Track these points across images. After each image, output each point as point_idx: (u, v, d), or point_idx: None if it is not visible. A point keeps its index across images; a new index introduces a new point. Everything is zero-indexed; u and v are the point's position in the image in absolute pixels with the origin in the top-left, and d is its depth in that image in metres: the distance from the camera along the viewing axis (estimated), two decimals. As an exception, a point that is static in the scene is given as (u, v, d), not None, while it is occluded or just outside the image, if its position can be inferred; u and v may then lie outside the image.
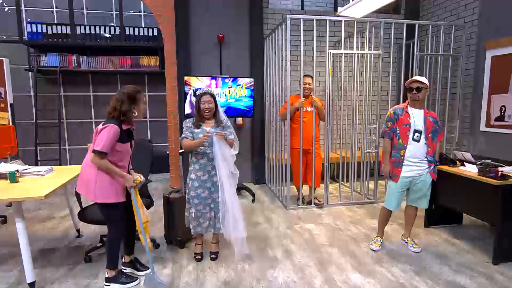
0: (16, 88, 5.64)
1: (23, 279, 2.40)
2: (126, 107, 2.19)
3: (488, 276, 2.57)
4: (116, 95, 2.24)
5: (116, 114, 2.19)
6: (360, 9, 3.65)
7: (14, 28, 5.48)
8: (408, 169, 2.86)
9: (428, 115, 2.86)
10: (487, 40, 4.14)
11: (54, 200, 4.59)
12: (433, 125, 2.85)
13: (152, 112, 6.36)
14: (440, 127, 2.91)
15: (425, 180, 2.89)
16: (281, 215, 3.97)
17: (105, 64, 5.72)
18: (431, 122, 2.84)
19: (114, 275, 2.40)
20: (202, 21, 4.87)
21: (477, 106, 4.31)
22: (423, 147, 2.83)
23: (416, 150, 2.83)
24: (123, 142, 2.23)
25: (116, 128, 2.14)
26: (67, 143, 6.14)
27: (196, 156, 2.72)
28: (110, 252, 2.39)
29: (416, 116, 2.85)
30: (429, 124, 2.84)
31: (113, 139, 2.14)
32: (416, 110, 2.87)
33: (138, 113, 2.28)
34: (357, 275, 2.59)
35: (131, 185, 2.27)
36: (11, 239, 3.27)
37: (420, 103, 2.87)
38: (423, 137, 2.82)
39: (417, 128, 2.83)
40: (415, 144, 2.83)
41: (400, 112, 2.90)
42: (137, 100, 2.25)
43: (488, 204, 2.84)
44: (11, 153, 3.41)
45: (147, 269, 2.57)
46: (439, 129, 2.90)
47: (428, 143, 2.84)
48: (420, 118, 2.84)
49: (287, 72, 3.98)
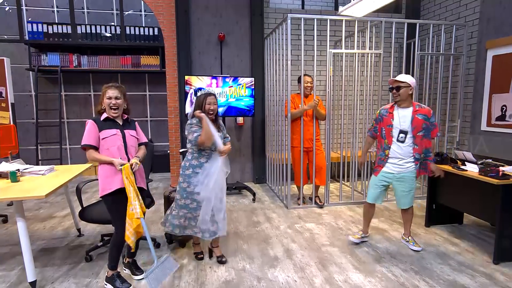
0: (17, 88, 5.66)
1: (24, 278, 2.41)
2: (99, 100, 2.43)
3: (488, 275, 2.57)
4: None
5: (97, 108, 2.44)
6: (361, 8, 3.64)
7: (15, 28, 5.49)
8: (390, 167, 2.89)
9: (418, 113, 2.78)
10: (488, 40, 4.13)
11: (54, 199, 4.60)
12: (423, 123, 2.77)
13: (153, 112, 6.37)
14: (433, 123, 2.82)
15: (406, 178, 2.87)
16: (282, 214, 3.97)
17: (106, 64, 5.73)
18: (420, 120, 2.77)
19: (111, 276, 2.40)
20: (202, 21, 4.87)
21: (478, 106, 4.30)
22: (408, 146, 2.80)
23: (400, 150, 2.83)
24: (105, 129, 2.33)
25: (90, 122, 2.34)
26: (68, 143, 6.15)
27: (199, 159, 2.64)
28: (110, 253, 2.40)
29: (402, 116, 2.81)
30: (417, 122, 2.77)
31: (90, 131, 2.32)
32: (402, 110, 2.83)
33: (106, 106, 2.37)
34: (358, 275, 2.59)
35: (118, 168, 2.26)
36: (12, 238, 3.28)
37: (406, 102, 2.81)
38: (410, 136, 2.79)
39: (403, 129, 2.80)
40: (399, 144, 2.82)
41: (384, 113, 2.93)
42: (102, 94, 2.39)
43: (489, 204, 2.84)
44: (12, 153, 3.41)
45: (142, 273, 2.54)
46: (432, 125, 2.81)
47: (417, 142, 2.79)
48: (406, 117, 2.79)
49: (288, 72, 3.97)
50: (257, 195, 4.66)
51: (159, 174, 6.03)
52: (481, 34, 4.27)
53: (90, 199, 4.50)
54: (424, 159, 2.89)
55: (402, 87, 2.77)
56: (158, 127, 6.34)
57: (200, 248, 2.90)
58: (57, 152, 5.71)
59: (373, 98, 4.39)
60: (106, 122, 2.36)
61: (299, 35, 4.27)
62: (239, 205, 4.30)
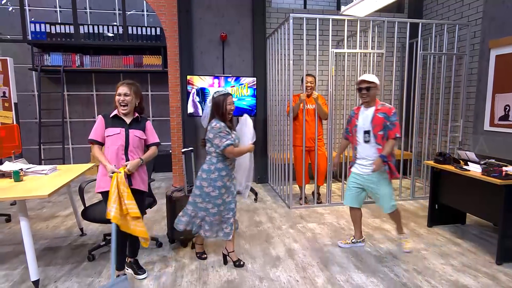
0: (20, 88, 5.68)
1: (27, 277, 2.42)
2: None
3: (491, 276, 2.56)
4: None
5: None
6: (363, 8, 3.63)
7: (18, 28, 5.52)
8: (359, 168, 2.86)
9: (379, 112, 2.72)
10: (491, 39, 4.11)
11: (57, 199, 4.62)
12: (383, 121, 2.69)
13: (155, 111, 6.38)
14: (393, 122, 2.70)
15: (374, 181, 2.79)
16: (284, 214, 3.97)
17: (108, 64, 5.74)
18: (380, 118, 2.70)
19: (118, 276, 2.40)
20: (205, 20, 4.87)
21: (481, 106, 4.28)
22: (372, 146, 2.75)
23: (364, 151, 2.79)
24: (110, 127, 2.37)
25: (99, 117, 2.40)
26: (71, 142, 6.17)
27: (225, 162, 2.58)
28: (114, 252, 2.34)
29: (365, 116, 2.78)
30: (377, 121, 2.71)
31: (97, 126, 2.38)
32: (366, 110, 2.80)
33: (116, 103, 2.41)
34: (360, 275, 2.58)
35: (108, 175, 2.29)
36: (15, 237, 3.29)
37: (371, 102, 2.78)
38: (372, 135, 2.73)
39: (366, 129, 2.76)
40: (364, 145, 2.79)
41: (352, 114, 2.93)
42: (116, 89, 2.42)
43: (491, 204, 2.83)
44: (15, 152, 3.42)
45: (144, 273, 2.56)
46: (391, 125, 2.70)
47: (379, 142, 2.72)
48: (368, 117, 2.76)
49: (290, 71, 3.97)
50: (259, 195, 4.66)
51: (161, 174, 6.04)
52: (484, 33, 4.24)
53: (92, 198, 4.51)
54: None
55: (372, 87, 2.73)
56: (160, 126, 6.35)
57: (202, 248, 2.90)
58: (60, 151, 5.73)
59: (375, 98, 4.38)
60: (113, 120, 2.39)
61: (301, 34, 4.27)
62: (241, 205, 4.30)
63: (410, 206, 4.27)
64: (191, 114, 4.40)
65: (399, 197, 4.50)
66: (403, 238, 3.00)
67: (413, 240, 3.19)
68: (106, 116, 2.40)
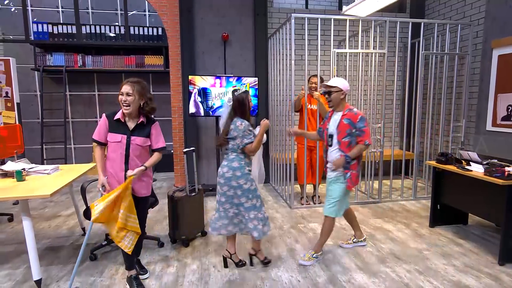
0: (23, 88, 5.70)
1: (30, 276, 2.43)
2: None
3: (494, 276, 2.55)
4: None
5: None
6: (365, 7, 3.63)
7: (20, 28, 5.54)
8: (327, 171, 2.82)
9: (345, 117, 2.65)
10: (494, 39, 4.10)
11: (59, 198, 4.63)
12: (348, 128, 2.62)
13: (157, 111, 6.36)
14: (361, 129, 2.61)
15: (331, 183, 2.73)
16: (285, 214, 3.97)
17: (110, 64, 5.76)
18: (345, 125, 2.63)
19: (128, 278, 2.40)
20: (206, 21, 4.88)
21: (483, 106, 4.27)
22: (335, 151, 2.69)
23: (331, 155, 2.73)
24: (112, 132, 2.26)
25: (103, 116, 2.29)
26: (72, 142, 6.18)
27: (250, 156, 2.61)
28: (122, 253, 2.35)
29: (333, 120, 2.74)
30: (342, 127, 2.64)
31: (100, 126, 2.28)
32: (335, 114, 2.75)
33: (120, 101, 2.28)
34: (362, 275, 2.58)
35: (96, 190, 2.18)
36: (18, 237, 3.31)
37: (339, 106, 2.71)
38: (335, 141, 2.68)
39: (330, 132, 2.73)
40: (330, 148, 2.75)
41: (327, 116, 2.87)
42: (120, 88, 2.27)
43: (494, 204, 2.82)
44: (18, 152, 3.44)
45: (146, 272, 2.57)
46: (359, 132, 2.61)
47: (342, 148, 2.64)
48: (335, 121, 2.71)
49: (292, 71, 3.97)
50: (260, 195, 4.65)
51: (163, 174, 6.04)
52: (486, 33, 4.23)
53: (94, 198, 4.52)
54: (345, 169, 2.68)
55: (333, 92, 2.67)
56: (161, 126, 6.32)
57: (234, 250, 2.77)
58: (62, 151, 5.75)
59: (377, 98, 4.37)
60: (117, 124, 2.26)
61: (303, 34, 4.27)
62: (243, 205, 4.30)
63: (412, 206, 4.26)
64: (193, 114, 4.41)
65: (401, 197, 4.49)
66: (312, 256, 2.77)
67: (415, 240, 3.19)
68: (110, 116, 2.28)
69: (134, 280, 2.38)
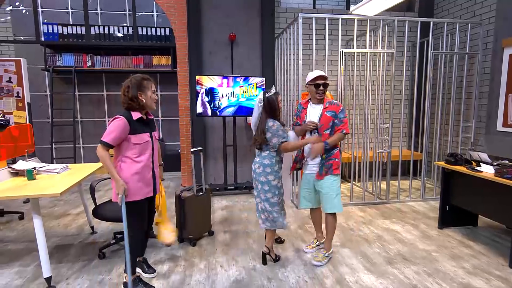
0: (33, 88, 5.79)
1: (40, 274, 2.47)
2: (132, 93, 2.14)
3: (504, 279, 2.51)
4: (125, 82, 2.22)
5: (124, 101, 2.16)
6: (373, 7, 3.60)
7: (31, 29, 5.62)
8: (308, 167, 2.76)
9: (327, 110, 2.63)
10: (505, 38, 4.03)
11: (68, 197, 4.69)
12: (330, 121, 2.61)
13: (164, 111, 6.43)
14: (342, 119, 2.62)
15: (324, 183, 2.67)
16: (292, 214, 3.96)
17: (118, 64, 5.81)
18: (328, 117, 2.61)
19: (133, 280, 2.31)
20: (214, 21, 4.89)
21: (494, 106, 4.21)
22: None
23: (309, 148, 2.67)
24: (138, 133, 2.15)
25: (122, 120, 2.08)
26: (82, 142, 6.26)
27: (280, 155, 2.70)
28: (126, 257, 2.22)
29: (313, 113, 2.68)
30: (325, 120, 2.62)
31: (118, 130, 2.08)
32: (314, 105, 2.71)
33: (146, 100, 2.19)
34: (369, 276, 2.56)
35: (119, 192, 2.10)
36: (28, 235, 3.36)
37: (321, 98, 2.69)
38: (316, 134, 2.63)
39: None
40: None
41: (300, 108, 2.81)
42: (143, 86, 2.18)
43: (505, 206, 2.78)
44: (29, 151, 3.49)
45: (153, 272, 2.58)
46: (339, 122, 2.62)
47: (324, 140, 2.60)
48: (316, 114, 2.67)
49: (299, 71, 3.96)
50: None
51: (170, 173, 6.08)
52: (497, 32, 4.17)
53: (103, 197, 4.57)
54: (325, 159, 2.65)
55: (327, 84, 2.65)
56: (169, 126, 6.40)
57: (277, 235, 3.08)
58: (71, 151, 5.82)
59: (385, 98, 4.34)
60: (138, 123, 2.16)
61: (310, 34, 4.25)
62: (249, 205, 4.30)
63: (420, 207, 4.21)
64: (200, 114, 4.43)
65: (409, 198, 4.45)
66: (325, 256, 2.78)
67: (423, 242, 3.16)
68: (129, 119, 2.12)
69: (140, 281, 2.38)
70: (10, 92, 4.73)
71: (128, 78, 2.21)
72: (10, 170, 2.84)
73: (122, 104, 2.19)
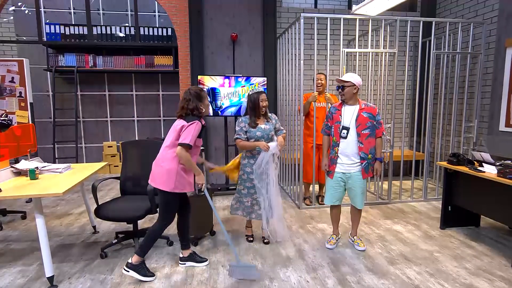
0: (35, 88, 5.81)
1: (42, 273, 2.47)
2: (193, 104, 2.43)
3: (507, 280, 2.50)
4: (183, 95, 2.49)
5: (183, 112, 2.44)
6: (375, 7, 3.60)
7: (34, 29, 5.64)
8: (341, 166, 2.88)
9: (364, 111, 2.82)
10: (508, 38, 4.01)
11: (71, 197, 4.70)
12: (368, 121, 2.81)
13: (166, 111, 6.44)
14: (379, 121, 2.87)
15: (356, 178, 2.86)
16: (294, 214, 3.96)
17: (120, 64, 5.82)
18: (365, 118, 2.80)
19: (138, 264, 2.48)
20: (215, 21, 4.90)
21: (496, 106, 4.19)
22: (353, 144, 2.81)
23: (345, 147, 2.83)
24: (200, 137, 2.48)
25: (199, 124, 2.41)
26: (84, 141, 6.27)
27: (252, 152, 2.93)
28: (145, 242, 2.50)
29: (347, 113, 2.85)
30: (362, 120, 2.80)
31: (196, 133, 2.40)
32: (348, 107, 2.87)
33: (205, 109, 2.52)
34: (371, 276, 2.56)
35: (202, 183, 2.49)
36: (31, 234, 3.37)
37: (352, 100, 2.86)
38: (354, 134, 2.80)
39: (345, 125, 2.83)
40: (344, 141, 2.83)
41: (333, 110, 2.96)
42: (202, 97, 2.48)
43: (507, 206, 2.77)
44: (31, 151, 3.50)
45: (205, 261, 2.74)
46: (377, 124, 2.86)
47: (361, 140, 2.80)
48: (350, 114, 2.83)
49: (301, 71, 3.96)
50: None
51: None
52: (500, 32, 4.15)
53: (105, 197, 4.58)
54: (371, 159, 2.87)
55: (346, 86, 2.81)
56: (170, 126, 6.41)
57: (251, 232, 3.23)
58: (73, 150, 5.84)
59: (387, 98, 4.34)
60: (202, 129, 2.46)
61: (312, 34, 4.26)
62: (251, 205, 4.30)
63: (422, 207, 4.20)
64: (202, 114, 4.42)
65: (411, 198, 4.44)
66: (356, 238, 3.10)
67: (425, 242, 3.15)
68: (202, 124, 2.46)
69: (144, 266, 2.53)
70: (12, 92, 4.75)
71: (185, 91, 2.50)
72: (13, 170, 2.85)
73: (179, 114, 2.48)
